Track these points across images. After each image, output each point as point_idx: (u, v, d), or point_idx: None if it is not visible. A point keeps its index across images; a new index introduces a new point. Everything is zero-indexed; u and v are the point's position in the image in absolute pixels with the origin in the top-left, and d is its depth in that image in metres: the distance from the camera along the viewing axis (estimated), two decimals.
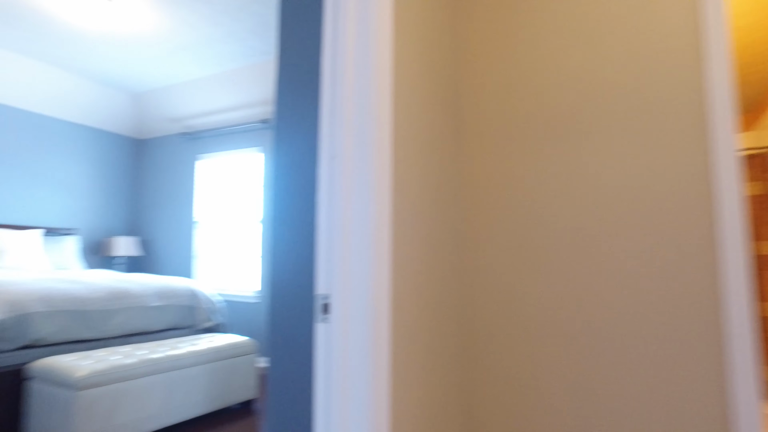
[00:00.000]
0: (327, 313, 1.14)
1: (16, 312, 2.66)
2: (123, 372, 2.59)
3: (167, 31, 3.89)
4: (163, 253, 5.55)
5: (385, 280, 1.12)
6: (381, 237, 1.12)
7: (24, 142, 4.82)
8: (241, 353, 3.41)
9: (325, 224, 1.16)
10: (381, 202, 1.12)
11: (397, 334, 1.20)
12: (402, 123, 1.27)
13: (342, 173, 1.13)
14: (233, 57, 4.33)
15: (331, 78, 1.16)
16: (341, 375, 1.08)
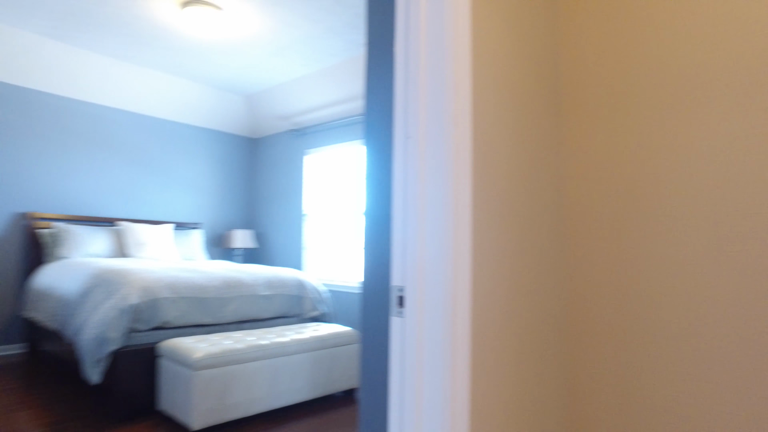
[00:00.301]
0: (402, 306, 1.07)
1: (149, 297, 2.97)
2: (234, 356, 2.77)
3: (271, 33, 4.09)
4: (275, 244, 5.91)
5: (465, 271, 1.03)
6: (459, 223, 1.02)
7: (158, 147, 5.40)
8: (344, 343, 3.49)
9: (400, 210, 1.09)
10: (459, 184, 1.03)
11: (480, 330, 1.10)
12: (486, 97, 1.16)
13: (417, 155, 1.05)
14: (334, 52, 4.43)
15: (404, 44, 1.09)
16: (415, 376, 1.01)
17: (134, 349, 2.84)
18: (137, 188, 5.22)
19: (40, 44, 4.31)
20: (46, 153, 4.60)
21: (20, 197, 4.43)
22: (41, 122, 4.58)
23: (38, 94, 4.58)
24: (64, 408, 2.98)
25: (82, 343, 2.80)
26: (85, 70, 4.66)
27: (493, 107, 1.19)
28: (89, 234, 4.47)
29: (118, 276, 3.09)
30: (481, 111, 1.14)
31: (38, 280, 3.99)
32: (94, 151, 4.92)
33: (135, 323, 2.89)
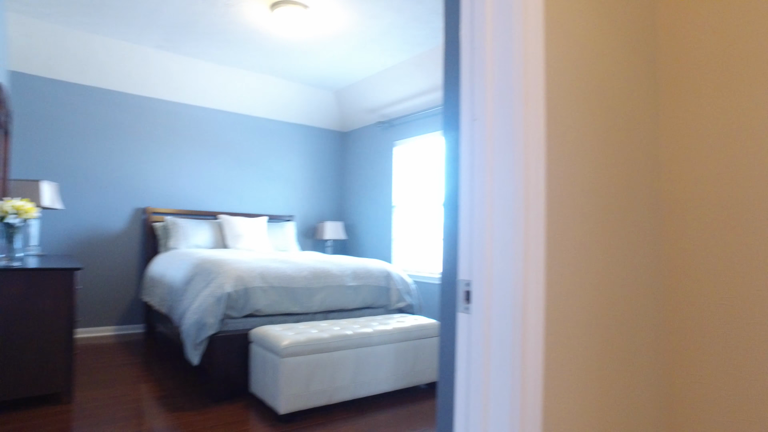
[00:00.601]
0: (468, 302, 0.99)
1: (242, 286, 3.14)
2: (319, 345, 2.84)
3: (356, 26, 4.11)
4: (364, 236, 5.99)
5: (538, 265, 0.92)
6: (531, 213, 0.92)
7: (254, 144, 5.70)
8: (429, 335, 3.43)
9: (466, 198, 1.01)
10: (531, 169, 0.92)
11: (556, 331, 0.98)
12: (562, 70, 1.03)
13: (483, 138, 0.96)
14: (419, 41, 4.35)
15: (469, 8, 0.99)
16: (481, 378, 0.92)
17: (229, 334, 3.02)
18: (236, 183, 5.56)
19: (154, 56, 4.73)
20: (159, 154, 5.05)
21: (139, 194, 4.91)
22: (156, 126, 5.04)
23: (153, 101, 5.03)
24: (172, 384, 3.25)
25: (185, 328, 3.02)
26: (190, 76, 5.04)
27: (572, 81, 1.06)
28: (195, 227, 4.84)
29: (214, 266, 3.30)
30: (557, 86, 1.01)
31: (152, 268, 4.39)
32: (199, 151, 5.31)
33: (229, 310, 3.06)
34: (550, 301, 0.96)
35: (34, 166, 4.40)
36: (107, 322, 4.71)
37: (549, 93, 0.99)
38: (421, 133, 5.21)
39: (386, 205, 5.66)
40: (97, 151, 4.71)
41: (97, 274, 4.67)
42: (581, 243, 1.05)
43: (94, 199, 4.67)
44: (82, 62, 4.53)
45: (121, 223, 4.82)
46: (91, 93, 4.70)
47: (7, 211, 2.72)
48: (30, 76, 4.42)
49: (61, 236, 4.50)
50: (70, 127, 4.59)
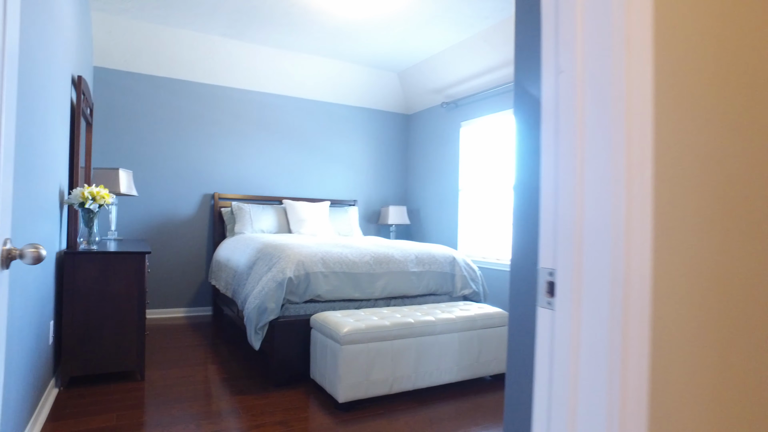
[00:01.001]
0: (552, 295, 0.82)
1: (303, 271, 3.10)
2: (379, 332, 2.74)
3: (419, 2, 3.91)
4: (428, 221, 5.83)
5: (643, 253, 0.74)
6: (635, 189, 0.73)
7: (318, 128, 5.68)
8: (494, 324, 3.25)
9: (549, 171, 0.83)
10: (634, 133, 0.73)
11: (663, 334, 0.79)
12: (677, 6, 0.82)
13: (572, 94, 0.78)
14: (486, 14, 4.09)
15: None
16: (567, 387, 0.76)
17: (290, 320, 2.99)
18: (299, 168, 5.57)
19: (219, 44, 4.79)
20: (226, 141, 5.15)
21: (208, 180, 5.04)
22: (223, 114, 5.13)
23: (220, 89, 5.13)
24: (236, 366, 3.30)
25: (247, 312, 3.03)
26: (255, 63, 5.07)
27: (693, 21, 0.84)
28: (260, 212, 4.90)
29: (276, 251, 3.29)
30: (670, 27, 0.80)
31: (219, 252, 4.50)
32: (264, 136, 5.36)
33: (290, 295, 3.03)
34: (657, 299, 0.77)
35: (112, 155, 4.62)
36: (178, 304, 4.90)
37: (658, 34, 0.78)
38: (488, 112, 4.94)
39: (452, 189, 5.46)
40: (168, 140, 4.87)
41: (169, 258, 4.86)
42: (696, 229, 0.84)
43: (165, 186, 4.85)
44: (155, 54, 4.67)
45: (190, 209, 4.98)
46: (163, 83, 4.85)
47: (87, 197, 2.83)
48: (110, 70, 4.62)
49: (136, 221, 4.71)
50: (143, 117, 4.76)
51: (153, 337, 4.03)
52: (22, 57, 1.81)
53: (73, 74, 3.08)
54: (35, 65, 2.03)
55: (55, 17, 2.55)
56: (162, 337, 4.04)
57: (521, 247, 1.11)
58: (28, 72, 1.88)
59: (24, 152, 1.92)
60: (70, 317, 2.78)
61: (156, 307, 4.79)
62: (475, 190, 5.15)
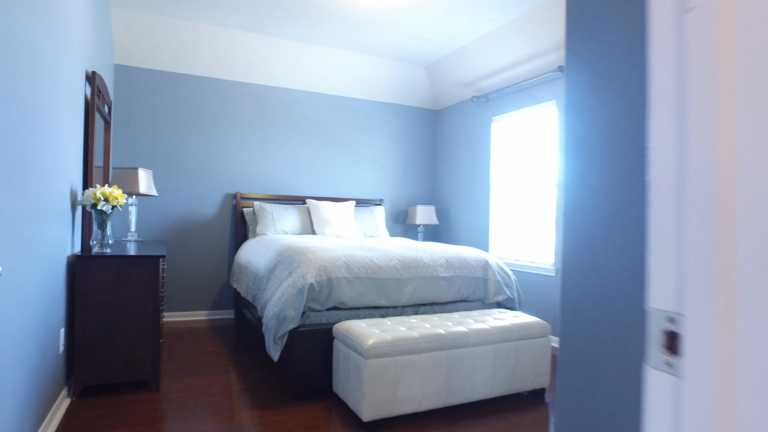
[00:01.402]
0: (675, 352, 0.58)
1: (325, 277, 2.90)
2: (407, 345, 2.51)
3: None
4: (458, 221, 5.57)
5: None
6: None
7: (342, 125, 5.48)
8: (533, 335, 2.98)
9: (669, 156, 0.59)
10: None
11: None
12: None
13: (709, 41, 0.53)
14: (517, 1, 3.80)
15: None
16: None
17: (311, 329, 2.79)
18: (323, 167, 5.39)
19: (241, 39, 4.64)
20: (248, 138, 5.00)
21: (229, 179, 4.91)
22: (244, 111, 4.99)
23: (241, 85, 4.98)
24: (255, 377, 3.13)
25: (265, 320, 2.85)
26: (277, 58, 4.91)
27: None
28: (282, 212, 4.74)
29: (297, 254, 3.10)
30: None
31: (240, 254, 4.35)
32: (287, 134, 5.19)
33: (311, 302, 2.84)
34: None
35: (133, 155, 4.52)
36: (199, 307, 4.78)
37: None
38: (522, 106, 4.64)
39: (482, 188, 5.18)
40: (189, 138, 4.75)
41: (190, 260, 4.74)
42: None
43: (186, 186, 4.73)
44: (175, 50, 4.55)
45: (212, 209, 4.85)
46: (184, 80, 4.74)
47: (99, 198, 2.69)
48: (130, 67, 4.53)
49: (156, 222, 4.61)
50: (164, 115, 4.66)
51: (172, 342, 3.91)
52: (22, 49, 1.66)
53: (87, 69, 2.95)
54: (39, 58, 1.89)
55: (66, 11, 2.41)
56: (181, 342, 3.92)
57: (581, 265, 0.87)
58: (28, 64, 1.73)
59: (22, 149, 1.77)
60: (82, 324, 2.65)
61: (177, 310, 4.68)
62: (508, 188, 4.86)
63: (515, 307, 3.63)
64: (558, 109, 4.20)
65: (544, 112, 4.41)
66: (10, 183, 1.65)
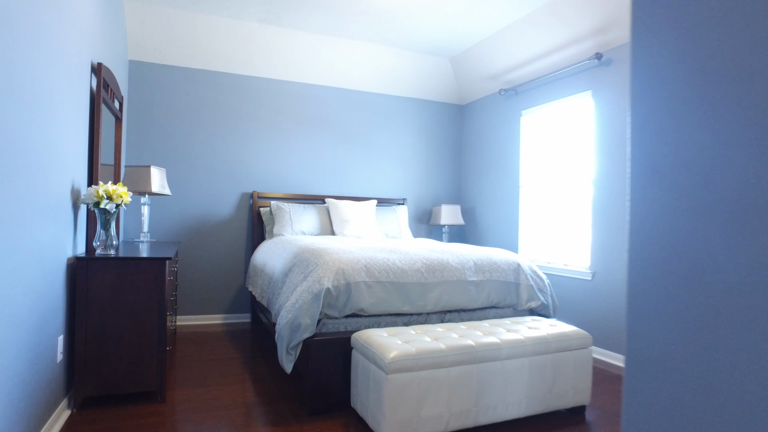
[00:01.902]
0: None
1: (343, 281, 2.67)
2: (433, 358, 2.26)
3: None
4: (485, 221, 5.27)
5: None
6: None
7: (363, 121, 5.25)
8: (572, 347, 2.69)
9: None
10: None
11: None
12: None
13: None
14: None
15: None
16: None
17: (327, 338, 2.56)
18: (343, 165, 5.16)
19: (257, 31, 4.46)
20: (265, 135, 4.82)
21: (246, 178, 4.73)
22: (261, 107, 4.80)
23: (258, 80, 4.80)
24: (268, 387, 2.91)
25: (279, 328, 2.63)
26: (295, 51, 4.71)
27: None
28: (300, 212, 4.53)
29: (313, 256, 2.87)
30: None
31: (255, 256, 4.15)
32: (306, 130, 4.99)
33: (328, 309, 2.60)
34: None
35: (146, 152, 4.38)
36: (215, 310, 4.60)
37: None
38: (554, 98, 4.33)
39: (511, 186, 4.88)
40: (204, 135, 4.59)
41: (205, 261, 4.57)
42: None
43: (201, 184, 4.57)
44: (189, 44, 4.39)
45: (228, 209, 4.67)
46: (199, 76, 4.58)
47: (102, 196, 2.52)
48: (144, 63, 4.39)
49: (170, 222, 4.45)
50: (178, 111, 4.51)
51: (184, 348, 3.73)
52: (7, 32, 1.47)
53: (92, 61, 2.79)
54: (31, 45, 1.70)
55: None
56: (194, 348, 3.73)
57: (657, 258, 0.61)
58: (16, 50, 1.54)
59: (3, 140, 1.59)
60: (83, 331, 2.48)
61: (192, 314, 4.52)
62: (539, 186, 4.55)
63: (550, 314, 3.33)
64: (595, 100, 3.88)
65: (578, 103, 4.10)
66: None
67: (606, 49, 3.76)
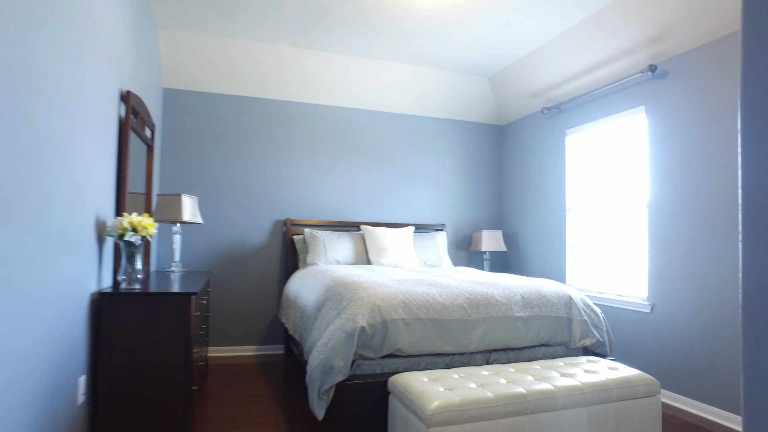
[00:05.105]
0: None
1: (379, 319, 2.46)
2: (479, 409, 2.00)
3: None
4: (528, 248, 4.97)
5: None
6: None
7: (398, 145, 5.09)
8: (638, 394, 2.38)
9: None
10: None
11: None
12: None
13: None
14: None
15: None
16: None
17: (362, 381, 2.34)
18: (379, 190, 4.99)
19: (289, 55, 4.39)
20: (298, 161, 4.71)
21: (279, 205, 4.62)
22: (294, 131, 4.72)
23: (291, 105, 4.73)
24: (305, 429, 2.70)
25: (309, 369, 2.43)
26: (328, 74, 4.62)
27: None
28: (335, 240, 4.37)
29: (347, 290, 2.68)
30: None
31: (288, 286, 3.99)
32: (340, 155, 4.86)
33: (363, 349, 2.39)
34: None
35: (179, 180, 4.34)
36: (247, 342, 4.46)
37: None
38: (603, 115, 4.05)
39: (557, 209, 4.58)
40: (236, 162, 4.52)
41: (237, 291, 4.45)
42: None
43: (234, 212, 4.48)
44: (222, 70, 4.37)
45: (261, 236, 4.56)
46: (231, 102, 4.54)
47: (126, 228, 2.42)
48: (178, 91, 4.39)
49: (202, 251, 4.36)
50: (211, 138, 4.46)
51: (215, 382, 3.57)
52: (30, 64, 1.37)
53: (121, 89, 2.73)
54: (54, 75, 1.60)
55: (92, 29, 2.18)
56: (224, 382, 3.57)
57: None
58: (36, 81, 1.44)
59: (21, 174, 1.48)
60: (106, 371, 2.35)
61: (224, 344, 4.38)
62: (588, 210, 4.24)
63: (606, 352, 3.01)
64: (648, 116, 3.59)
65: (630, 120, 3.80)
66: (3, 215, 1.35)
67: (661, 60, 3.48)
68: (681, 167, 3.32)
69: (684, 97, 3.32)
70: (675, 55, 3.38)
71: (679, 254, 3.31)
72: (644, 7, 3.27)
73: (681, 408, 3.22)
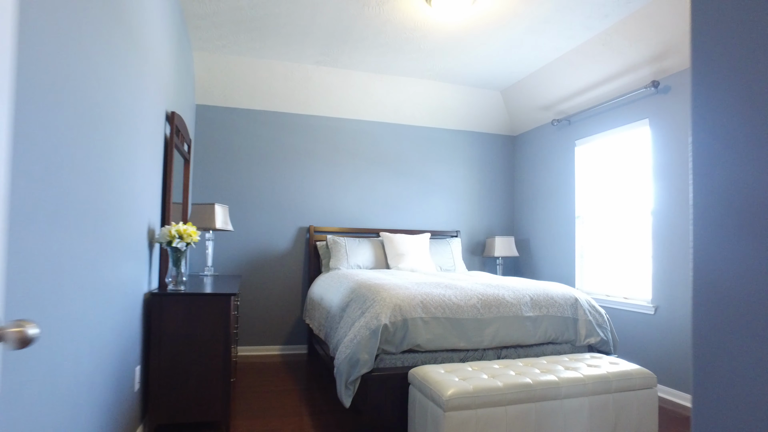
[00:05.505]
0: None
1: (400, 317, 2.72)
2: (491, 396, 2.25)
3: (524, 5, 3.46)
4: (540, 253, 5.19)
5: None
6: None
7: (415, 155, 5.36)
8: (636, 386, 2.60)
9: None
10: None
11: None
12: None
13: None
14: (607, 12, 3.52)
15: None
16: None
17: (385, 373, 2.60)
18: (397, 198, 5.26)
19: (314, 73, 4.70)
20: (321, 171, 5.01)
21: (303, 213, 4.92)
22: (317, 144, 5.02)
23: (315, 119, 5.03)
24: (327, 420, 2.96)
25: (337, 363, 2.70)
26: (349, 90, 4.91)
27: None
28: (356, 245, 4.64)
29: (370, 292, 2.94)
30: None
31: (312, 289, 4.28)
32: (360, 166, 5.14)
33: (385, 345, 2.65)
34: None
35: (210, 190, 4.66)
36: (273, 342, 4.75)
37: None
38: (609, 127, 4.27)
39: (566, 217, 4.80)
40: (264, 173, 4.83)
41: (264, 294, 4.74)
42: None
43: (261, 220, 4.78)
44: (251, 88, 4.69)
45: (286, 243, 4.86)
46: (259, 116, 4.86)
47: (174, 235, 2.72)
48: (210, 107, 4.72)
49: (232, 257, 4.67)
50: (240, 151, 4.78)
51: (245, 378, 3.86)
52: (99, 93, 1.67)
53: (167, 110, 3.05)
54: (117, 101, 1.91)
55: (148, 58, 2.49)
56: (254, 378, 3.86)
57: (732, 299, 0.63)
58: (105, 108, 1.75)
59: (96, 192, 1.78)
60: (157, 362, 2.64)
61: (250, 344, 4.68)
62: (596, 217, 4.46)
63: (610, 350, 3.23)
64: (652, 128, 3.80)
65: (635, 132, 4.02)
66: (83, 227, 1.64)
67: (663, 77, 3.70)
68: (683, 176, 3.52)
69: (685, 110, 3.53)
70: (676, 71, 3.60)
71: (681, 259, 3.51)
72: (646, 28, 3.50)
73: (682, 404, 3.41)
